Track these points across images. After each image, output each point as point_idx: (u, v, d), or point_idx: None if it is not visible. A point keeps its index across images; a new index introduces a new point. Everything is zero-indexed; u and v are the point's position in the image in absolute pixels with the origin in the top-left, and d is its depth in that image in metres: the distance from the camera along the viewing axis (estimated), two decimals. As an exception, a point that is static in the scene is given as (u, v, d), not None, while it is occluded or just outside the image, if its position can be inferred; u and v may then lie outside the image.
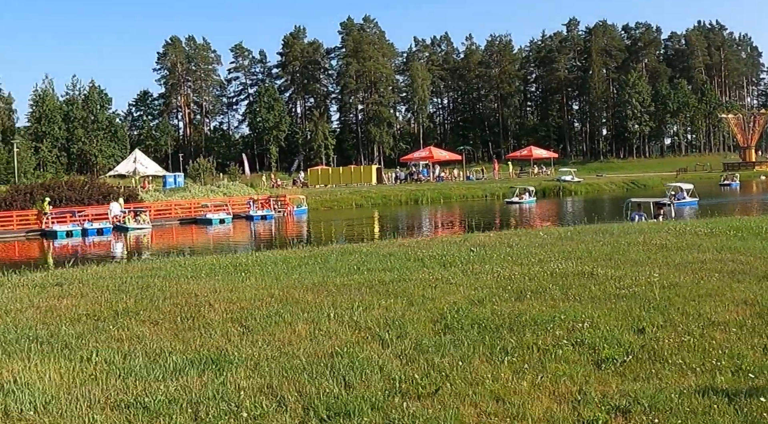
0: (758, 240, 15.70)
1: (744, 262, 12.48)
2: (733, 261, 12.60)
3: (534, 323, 8.79)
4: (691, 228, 18.69)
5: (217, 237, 53.62)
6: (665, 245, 15.31)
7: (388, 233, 36.75)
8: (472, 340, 8.16)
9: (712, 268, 11.99)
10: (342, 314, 9.59)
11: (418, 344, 8.10)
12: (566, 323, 8.72)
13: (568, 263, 13.29)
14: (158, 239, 53.27)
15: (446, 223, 56.20)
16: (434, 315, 9.39)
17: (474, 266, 13.44)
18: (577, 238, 17.72)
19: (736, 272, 11.49)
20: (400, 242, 19.32)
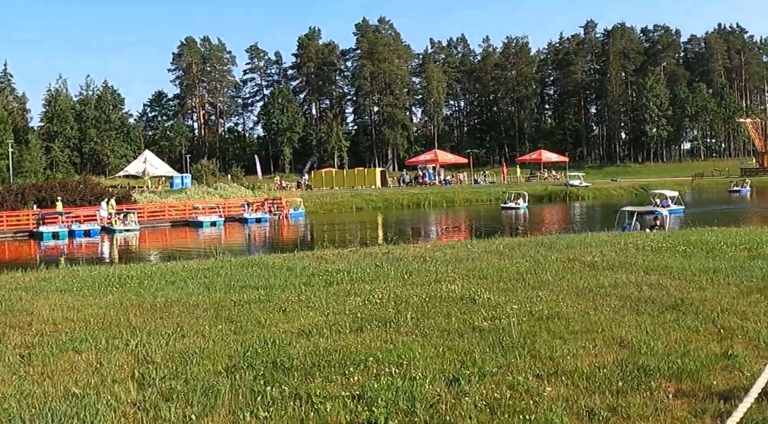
0: (703, 258, 14.00)
1: (662, 286, 10.82)
2: (650, 285, 10.95)
3: (342, 363, 7.37)
4: (643, 242, 16.95)
5: (203, 240, 52.50)
6: (594, 263, 13.66)
7: (369, 238, 35.62)
8: (235, 387, 6.77)
9: (618, 294, 10.35)
10: (146, 343, 8.52)
11: (170, 390, 6.74)
12: (379, 364, 7.25)
13: (463, 283, 11.79)
14: (144, 242, 52.25)
15: (429, 229, 54.54)
16: (238, 350, 8.05)
17: (357, 286, 12.03)
18: (509, 252, 16.11)
19: (643, 300, 9.84)
20: (320, 254, 17.86)
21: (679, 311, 9.13)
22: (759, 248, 15.16)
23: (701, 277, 11.57)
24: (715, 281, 11.21)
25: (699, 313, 8.99)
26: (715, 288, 10.59)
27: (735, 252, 14.71)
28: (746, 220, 34.38)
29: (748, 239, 16.92)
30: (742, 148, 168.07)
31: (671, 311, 9.15)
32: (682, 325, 8.44)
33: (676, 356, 7.22)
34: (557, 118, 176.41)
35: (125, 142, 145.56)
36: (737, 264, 12.81)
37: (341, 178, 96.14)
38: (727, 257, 14.06)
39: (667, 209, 39.72)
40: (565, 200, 78.94)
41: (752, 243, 15.96)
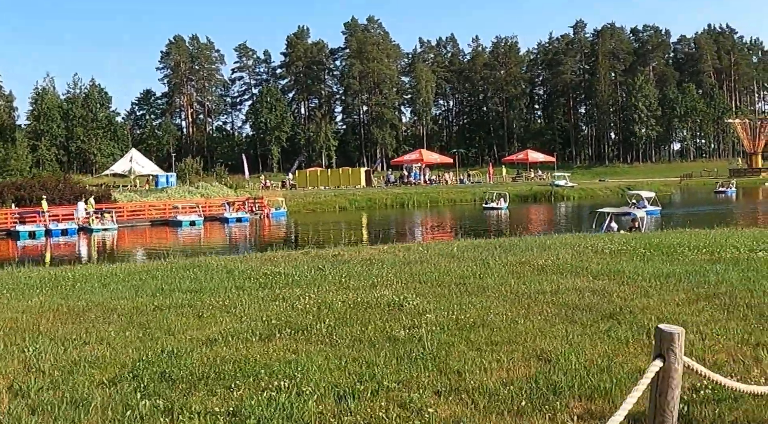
0: (661, 262, 13.49)
1: (607, 293, 10.29)
2: (594, 292, 10.42)
3: (233, 374, 6.89)
4: (604, 245, 16.43)
5: (181, 240, 51.80)
6: (544, 267, 13.13)
7: (346, 238, 35.08)
8: (108, 400, 6.29)
9: (558, 301, 9.81)
10: (43, 351, 8.07)
11: (41, 403, 6.28)
12: (271, 377, 6.75)
13: (397, 289, 11.30)
14: (121, 241, 51.53)
15: (406, 230, 53.76)
16: (133, 359, 7.55)
17: (288, 290, 11.55)
18: (462, 255, 15.61)
19: (580, 308, 9.29)
20: (269, 256, 17.40)
21: (615, 320, 8.61)
22: (721, 251, 14.70)
23: (651, 282, 11.09)
24: (665, 287, 10.72)
25: (635, 323, 8.47)
26: (661, 295, 10.07)
27: (696, 255, 14.24)
28: (724, 221, 33.81)
29: (714, 242, 16.49)
30: (731, 148, 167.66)
31: (607, 320, 8.62)
32: (613, 336, 7.91)
33: (595, 372, 6.69)
34: (546, 119, 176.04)
35: (112, 141, 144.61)
36: (694, 268, 12.34)
37: (326, 177, 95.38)
38: (686, 260, 13.59)
39: (643, 210, 38.93)
40: (550, 201, 78.32)
41: (716, 246, 15.51)
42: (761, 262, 12.95)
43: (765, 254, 14.00)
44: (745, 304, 9.26)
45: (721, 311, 8.94)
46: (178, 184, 79.05)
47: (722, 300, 9.55)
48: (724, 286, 10.56)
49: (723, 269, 12.13)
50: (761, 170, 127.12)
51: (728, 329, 8.07)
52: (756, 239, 17.02)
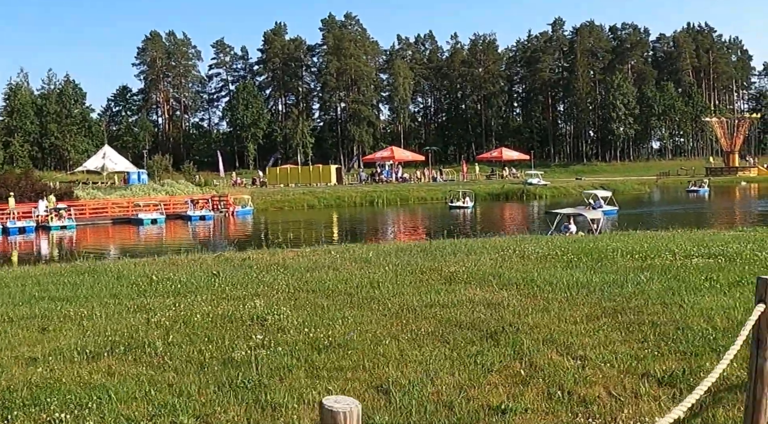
0: (584, 269, 12.53)
1: (503, 306, 9.40)
2: (489, 305, 9.52)
3: (20, 403, 6.07)
4: (535, 249, 15.47)
5: (142, 238, 50.99)
6: (453, 274, 12.16)
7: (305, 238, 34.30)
8: None
9: (442, 316, 8.88)
10: None
11: None
12: (58, 406, 5.95)
13: (276, 299, 10.40)
14: (77, 240, 50.43)
15: (366, 229, 52.64)
16: None
17: (159, 300, 10.65)
18: (377, 260, 14.63)
19: (463, 326, 8.40)
20: (173, 259, 16.33)
21: (492, 342, 7.70)
22: (656, 256, 13.79)
23: (560, 294, 10.13)
24: (572, 299, 9.77)
25: (514, 345, 7.55)
26: (563, 309, 9.13)
27: (626, 262, 13.30)
28: (683, 222, 32.90)
29: (653, 246, 15.57)
30: (710, 147, 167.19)
31: (484, 341, 7.68)
32: (481, 361, 6.98)
33: (437, 408, 5.67)
34: (525, 116, 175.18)
35: (86, 137, 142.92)
36: (615, 277, 11.40)
37: (296, 175, 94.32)
38: (612, 268, 12.63)
39: (599, 211, 37.75)
40: (522, 199, 77.46)
41: (653, 251, 14.59)
42: (692, 270, 12.01)
43: (700, 261, 13.08)
44: (651, 321, 8.33)
45: (620, 331, 8.02)
46: (150, 182, 78.14)
47: (627, 317, 8.62)
48: (638, 299, 9.62)
49: (647, 278, 11.20)
50: (738, 169, 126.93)
51: (617, 354, 7.18)
52: (699, 243, 16.11)
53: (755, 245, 15.58)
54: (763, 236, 19.11)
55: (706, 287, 10.40)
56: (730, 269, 12.02)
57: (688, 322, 8.26)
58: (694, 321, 8.29)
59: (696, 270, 11.95)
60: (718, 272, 11.55)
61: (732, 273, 11.49)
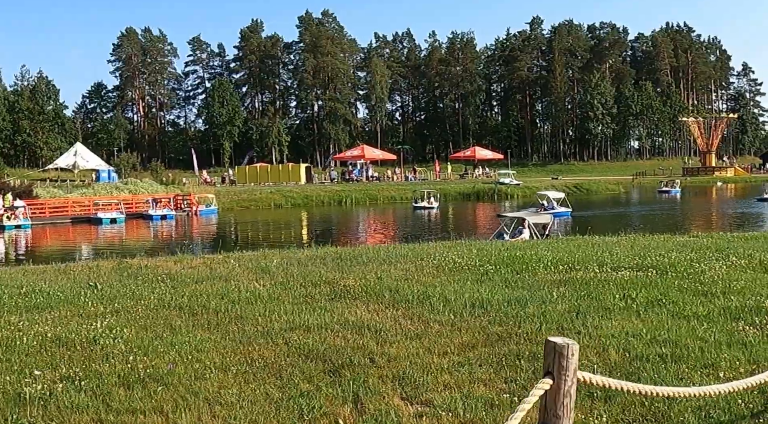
0: (494, 283, 11.44)
1: (375, 330, 8.34)
2: (360, 328, 8.45)
3: None
4: (454, 258, 14.28)
5: (94, 238, 49.63)
6: (350, 288, 11.01)
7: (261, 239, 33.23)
8: None
9: (299, 343, 7.83)
10: None
11: None
12: None
13: (128, 318, 9.25)
14: (31, 240, 49.04)
15: (323, 231, 51.15)
16: None
17: (6, 318, 9.37)
18: (276, 270, 13.41)
19: (314, 356, 7.37)
20: (68, 267, 15.24)
21: (335, 377, 6.66)
22: (581, 268, 12.74)
23: (449, 315, 9.01)
24: (457, 322, 8.66)
25: (358, 382, 6.50)
26: (438, 336, 8.09)
27: (546, 274, 12.20)
28: (642, 225, 31.92)
29: (585, 255, 14.47)
30: (688, 147, 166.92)
31: (325, 377, 6.67)
32: (304, 405, 5.99)
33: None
34: (503, 115, 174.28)
35: (60, 135, 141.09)
36: (523, 294, 10.32)
37: (266, 173, 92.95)
38: (527, 282, 11.53)
39: (548, 214, 35.79)
40: (493, 199, 76.35)
41: (581, 261, 13.53)
42: (613, 285, 10.92)
43: (627, 274, 11.96)
44: (532, 354, 7.31)
45: (490, 366, 7.07)
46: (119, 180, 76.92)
47: (507, 347, 7.62)
48: (534, 322, 8.56)
49: (558, 295, 10.13)
50: (715, 169, 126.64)
51: (469, 400, 6.24)
52: (638, 252, 15.00)
53: (698, 253, 14.54)
54: (716, 242, 18.10)
55: (620, 307, 9.31)
56: (656, 284, 10.97)
57: None
58: (584, 354, 7.16)
59: (617, 285, 10.86)
60: (640, 289, 10.48)
61: (655, 290, 10.45)
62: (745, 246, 16.25)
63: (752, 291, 10.22)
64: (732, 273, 11.95)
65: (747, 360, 6.99)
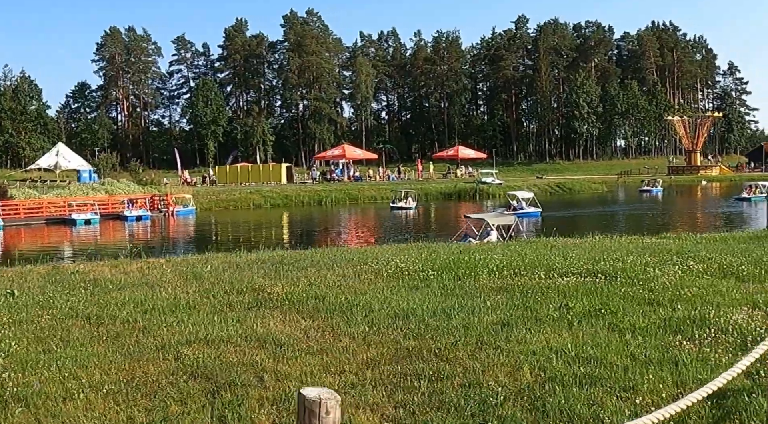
0: (431, 290, 10.91)
1: (277, 344, 7.90)
2: (264, 342, 7.99)
3: None
4: (397, 263, 13.65)
5: (66, 239, 48.87)
6: (274, 296, 10.48)
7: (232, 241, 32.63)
8: None
9: (189, 359, 7.28)
10: None
11: None
12: None
13: (14, 330, 8.63)
14: (3, 241, 48.24)
15: (299, 232, 50.52)
16: None
17: None
18: (209, 276, 12.85)
19: (199, 374, 6.80)
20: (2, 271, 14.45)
21: (210, 400, 6.09)
22: (526, 274, 12.15)
23: (364, 326, 8.55)
24: (371, 335, 8.17)
25: (233, 407, 5.93)
26: (345, 352, 7.60)
27: (488, 280, 11.69)
28: (613, 226, 31.35)
29: (536, 259, 13.95)
30: (674, 146, 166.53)
31: (199, 399, 6.19)
32: None
33: None
34: (488, 114, 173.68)
35: (42, 135, 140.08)
36: (454, 303, 9.84)
37: (246, 173, 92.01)
38: (465, 289, 11.00)
39: (513, 216, 34.14)
40: (475, 198, 75.67)
41: (529, 266, 13.02)
42: (553, 292, 10.43)
43: (573, 280, 11.40)
44: (434, 373, 6.78)
45: (386, 387, 6.50)
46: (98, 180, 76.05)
47: (395, 367, 6.98)
48: (454, 335, 8.06)
49: (492, 304, 9.59)
50: (700, 168, 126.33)
51: None
52: (594, 255, 14.41)
53: (657, 257, 14.00)
54: (682, 244, 17.58)
55: (553, 318, 8.72)
56: (600, 292, 10.42)
57: (485, 376, 6.53)
58: (494, 374, 6.60)
59: (559, 293, 10.29)
60: (581, 297, 9.90)
61: (598, 298, 9.88)
62: (710, 248, 15.77)
63: (702, 300, 9.64)
64: (686, 279, 11.39)
65: (673, 382, 6.37)
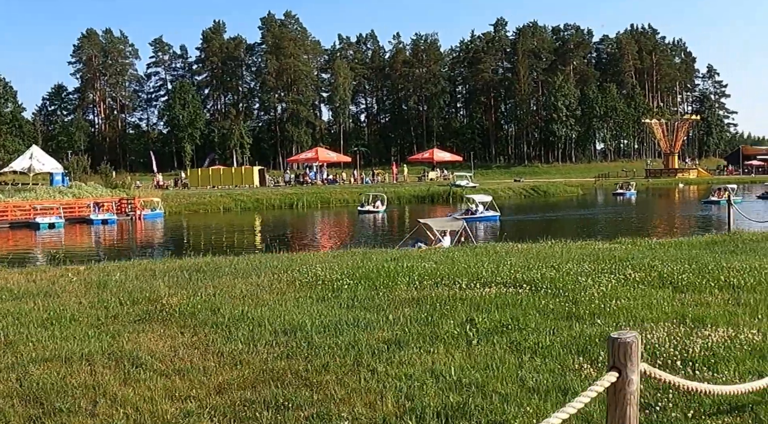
0: (317, 305, 10.18)
1: (109, 366, 7.19)
2: (88, 362, 7.05)
3: None
4: (316, 272, 12.93)
5: (26, 244, 47.93)
6: (161, 310, 9.77)
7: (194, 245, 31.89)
8: None
9: (22, 379, 6.47)
10: None
11: None
12: None
13: None
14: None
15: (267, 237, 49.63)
16: None
17: None
18: (113, 286, 12.11)
19: (32, 395, 5.92)
20: None
21: None
22: (448, 284, 11.52)
23: (231, 345, 7.88)
24: (230, 355, 7.57)
25: None
26: (172, 377, 6.90)
27: (404, 291, 11.16)
28: (573, 230, 30.65)
29: (465, 268, 13.23)
30: (653, 149, 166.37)
31: None
32: None
33: None
34: (467, 117, 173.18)
35: (17, 137, 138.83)
36: (352, 317, 9.16)
37: (218, 176, 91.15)
38: (376, 301, 10.33)
39: (461, 221, 32.49)
40: (448, 201, 74.95)
41: (454, 275, 12.32)
42: (465, 304, 9.87)
43: (495, 291, 10.76)
44: (257, 400, 6.01)
45: None
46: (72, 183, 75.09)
47: (247, 392, 6.33)
48: (327, 356, 7.42)
49: (394, 319, 9.09)
50: (677, 171, 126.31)
51: None
52: (526, 264, 13.76)
53: (596, 265, 13.36)
54: (632, 249, 16.98)
55: (452, 335, 8.12)
56: (517, 304, 9.82)
57: (342, 405, 5.95)
58: (351, 403, 6.06)
59: (472, 306, 9.69)
60: (493, 311, 9.30)
61: (510, 312, 9.25)
62: (659, 255, 15.17)
63: (627, 313, 8.98)
64: (618, 290, 10.73)
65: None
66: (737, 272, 12.01)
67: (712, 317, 8.66)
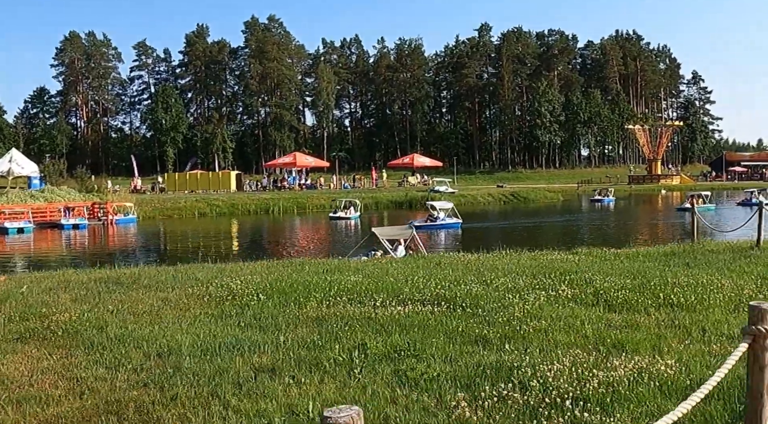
0: (218, 325, 9.76)
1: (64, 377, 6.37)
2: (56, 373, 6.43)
3: None
4: (232, 285, 12.36)
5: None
6: (54, 326, 9.08)
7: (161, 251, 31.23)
8: None
9: None
10: None
11: None
12: None
13: None
14: None
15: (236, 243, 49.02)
16: None
17: None
18: (16, 299, 11.39)
19: None
20: None
21: None
22: (363, 300, 11.02)
23: (92, 370, 7.38)
24: (85, 380, 7.06)
25: None
26: (6, 408, 6.03)
27: (312, 309, 10.68)
28: (537, 238, 30.09)
29: (396, 283, 12.67)
30: (637, 155, 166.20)
31: None
32: None
33: None
34: (452, 122, 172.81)
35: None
36: (241, 338, 8.66)
37: (194, 181, 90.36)
38: (278, 319, 9.82)
39: (411, 230, 31.21)
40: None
41: (380, 289, 11.81)
42: (367, 326, 9.33)
43: (413, 309, 10.23)
44: None
45: None
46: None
47: None
48: (186, 385, 6.68)
49: (284, 340, 8.50)
50: (660, 177, 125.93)
51: None
52: (460, 278, 13.19)
53: (533, 279, 12.79)
54: (584, 260, 16.46)
55: (338, 361, 7.58)
56: (425, 326, 9.19)
57: None
58: None
59: (375, 327, 9.14)
60: (394, 334, 8.69)
61: (411, 336, 8.63)
62: (603, 268, 14.58)
63: (542, 337, 8.39)
64: (544, 308, 10.10)
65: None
66: (681, 288, 11.34)
67: (634, 341, 7.98)
